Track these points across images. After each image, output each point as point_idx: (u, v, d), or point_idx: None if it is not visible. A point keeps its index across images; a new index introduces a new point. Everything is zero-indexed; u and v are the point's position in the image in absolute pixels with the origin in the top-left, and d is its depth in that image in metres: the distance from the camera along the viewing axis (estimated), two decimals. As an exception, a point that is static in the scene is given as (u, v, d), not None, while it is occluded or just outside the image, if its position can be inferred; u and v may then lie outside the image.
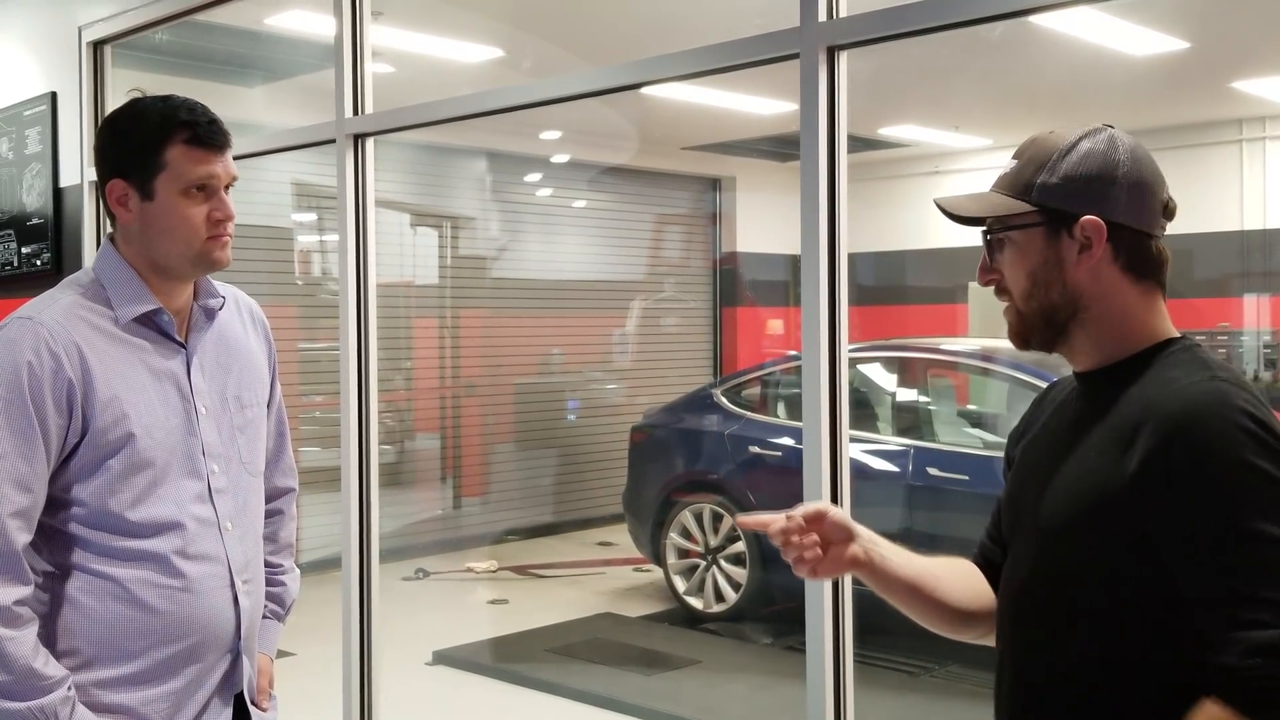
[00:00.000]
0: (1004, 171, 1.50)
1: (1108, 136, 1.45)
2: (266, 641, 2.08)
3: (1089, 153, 1.43)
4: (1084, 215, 1.41)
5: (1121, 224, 1.42)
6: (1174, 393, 1.34)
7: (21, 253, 4.67)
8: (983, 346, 6.73)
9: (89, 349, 1.79)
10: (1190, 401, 1.32)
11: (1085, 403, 1.47)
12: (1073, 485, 1.40)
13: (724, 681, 5.52)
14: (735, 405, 6.62)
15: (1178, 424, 1.30)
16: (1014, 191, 1.46)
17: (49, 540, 1.81)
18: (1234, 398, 1.30)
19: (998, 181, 1.50)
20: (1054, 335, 1.47)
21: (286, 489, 2.20)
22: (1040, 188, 1.44)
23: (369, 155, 3.47)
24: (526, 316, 9.16)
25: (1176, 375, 1.37)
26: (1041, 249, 1.44)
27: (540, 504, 9.06)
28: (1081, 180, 1.42)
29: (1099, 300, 1.43)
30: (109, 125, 1.92)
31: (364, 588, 3.44)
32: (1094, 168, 1.42)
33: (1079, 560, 1.38)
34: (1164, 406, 1.33)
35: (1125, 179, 1.42)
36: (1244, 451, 1.27)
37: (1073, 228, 1.42)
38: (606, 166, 9.48)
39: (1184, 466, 1.28)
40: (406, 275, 8.60)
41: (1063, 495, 1.41)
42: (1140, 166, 1.43)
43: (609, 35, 6.01)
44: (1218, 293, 8.47)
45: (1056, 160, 1.44)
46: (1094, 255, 1.42)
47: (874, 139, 9.22)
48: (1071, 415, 1.48)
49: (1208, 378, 1.34)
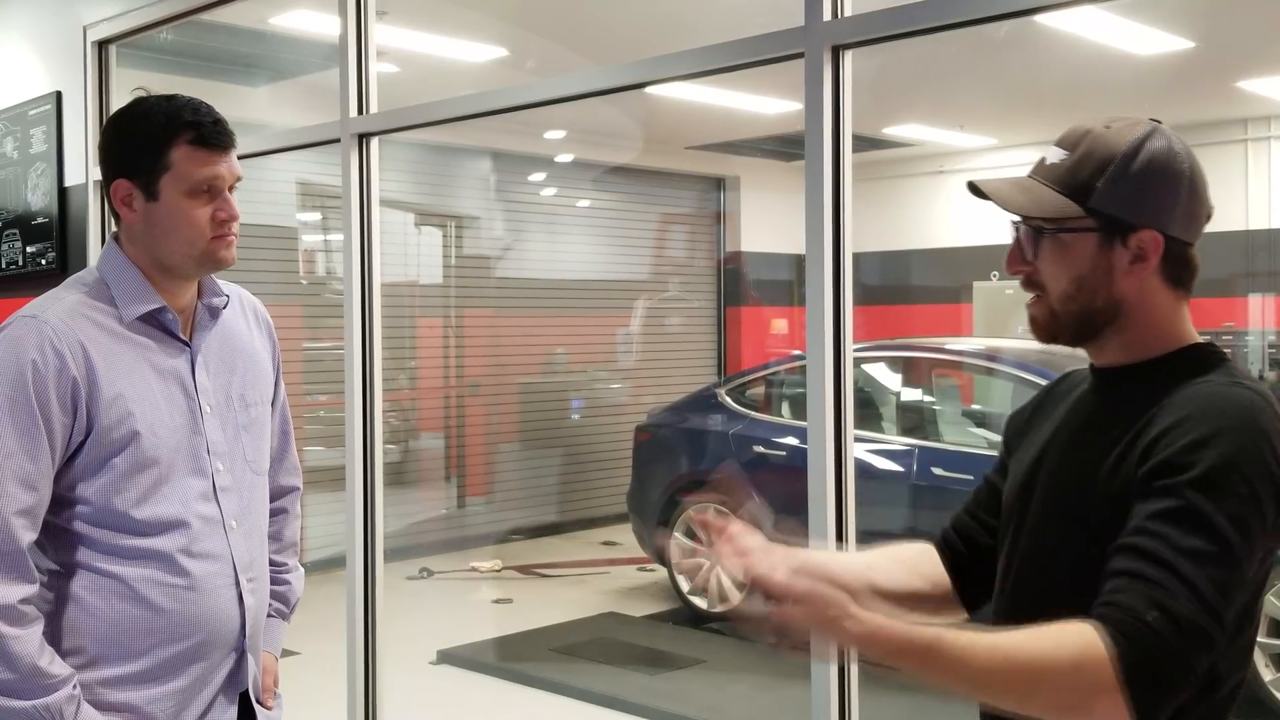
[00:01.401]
0: (1053, 162, 1.43)
1: (1168, 143, 1.40)
2: (271, 640, 2.08)
3: (1152, 161, 1.38)
4: (1143, 228, 1.38)
5: (1174, 236, 1.39)
6: (1194, 389, 1.33)
7: (26, 252, 4.68)
8: (987, 346, 6.73)
9: (93, 347, 1.79)
10: (1209, 396, 1.31)
11: (1101, 397, 1.46)
12: (1085, 477, 1.39)
13: (728, 681, 5.51)
14: (739, 405, 6.61)
15: (1191, 410, 1.30)
16: (1069, 191, 1.40)
17: (54, 539, 1.81)
18: (1257, 410, 1.30)
19: (1046, 171, 1.43)
20: (1086, 337, 1.45)
21: (291, 488, 2.20)
22: (1101, 194, 1.38)
23: (374, 155, 3.47)
24: (530, 316, 9.16)
25: (1197, 375, 1.36)
26: (1092, 255, 1.40)
27: (544, 503, 9.06)
28: (1145, 192, 1.38)
29: (1137, 307, 1.41)
30: (114, 125, 1.92)
31: (368, 587, 3.45)
32: (1157, 179, 1.38)
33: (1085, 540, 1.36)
34: (1181, 396, 1.32)
35: (1186, 193, 1.39)
36: (1251, 456, 1.26)
37: (1128, 238, 1.39)
38: (611, 166, 9.48)
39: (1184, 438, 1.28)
40: (411, 275, 8.61)
41: (1073, 486, 1.40)
42: (1196, 177, 1.40)
43: (613, 34, 6.01)
44: (1223, 293, 8.45)
45: (1120, 166, 1.38)
46: (1146, 268, 1.39)
47: (879, 138, 9.21)
48: (1088, 409, 1.47)
49: (1229, 383, 1.34)
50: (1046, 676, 1.22)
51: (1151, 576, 1.22)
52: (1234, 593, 1.24)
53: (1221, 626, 1.22)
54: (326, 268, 8.11)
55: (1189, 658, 1.21)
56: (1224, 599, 1.23)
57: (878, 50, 2.45)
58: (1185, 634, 1.20)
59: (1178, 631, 1.20)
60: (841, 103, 2.44)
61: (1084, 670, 1.20)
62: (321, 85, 4.33)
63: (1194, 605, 1.21)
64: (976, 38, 5.11)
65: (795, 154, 7.58)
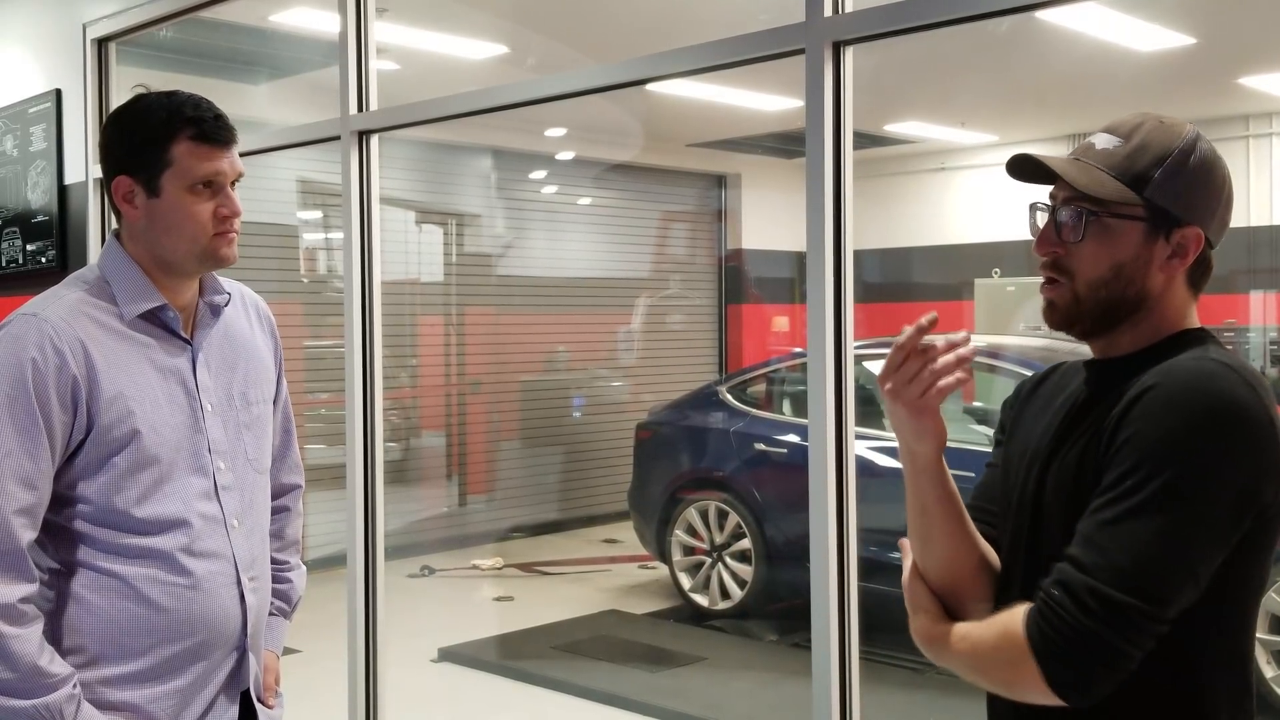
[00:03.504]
0: (1106, 148, 1.42)
1: (1211, 147, 1.42)
2: (273, 638, 2.08)
3: (1204, 162, 1.40)
4: (1187, 224, 1.39)
5: (1209, 239, 1.42)
6: (1160, 367, 1.34)
7: (26, 250, 4.67)
8: (988, 343, 6.72)
9: (94, 345, 1.79)
10: (1172, 368, 1.33)
11: (1094, 389, 1.46)
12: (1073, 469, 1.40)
13: (729, 679, 5.52)
14: (741, 402, 6.61)
15: (1154, 384, 1.31)
16: (1126, 178, 1.40)
17: (55, 537, 1.80)
18: (1219, 377, 1.30)
19: (1100, 156, 1.42)
20: (1104, 328, 1.43)
21: (293, 486, 2.20)
22: (1156, 185, 1.38)
23: (374, 152, 3.46)
24: (531, 314, 9.16)
25: (1175, 355, 1.37)
26: (1136, 245, 1.40)
27: (545, 501, 9.06)
28: (1195, 191, 1.40)
29: (1158, 302, 1.42)
30: (114, 122, 1.92)
31: (369, 585, 3.44)
32: (1205, 180, 1.40)
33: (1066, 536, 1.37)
34: (1148, 375, 1.34)
35: (1225, 198, 1.42)
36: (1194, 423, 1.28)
37: (1172, 233, 1.40)
38: (611, 163, 9.48)
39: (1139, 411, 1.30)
40: (412, 273, 8.60)
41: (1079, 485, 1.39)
42: (1231, 185, 1.43)
43: (613, 31, 6.01)
44: (1224, 289, 8.44)
45: (1178, 161, 1.39)
46: (1183, 264, 1.40)
47: (880, 135, 9.20)
48: (1083, 401, 1.46)
49: (1199, 355, 1.35)
50: (980, 651, 1.38)
51: (1079, 559, 1.29)
52: (1176, 576, 1.27)
53: (1155, 606, 1.25)
54: (327, 266, 8.10)
55: (1105, 636, 1.25)
56: (1161, 580, 1.26)
57: (879, 47, 2.45)
58: (1098, 611, 1.25)
59: (1088, 608, 1.26)
60: (842, 99, 2.43)
61: (1002, 647, 1.33)
62: (321, 82, 4.33)
63: (1116, 584, 1.25)
64: (978, 34, 5.10)
65: (796, 151, 7.57)
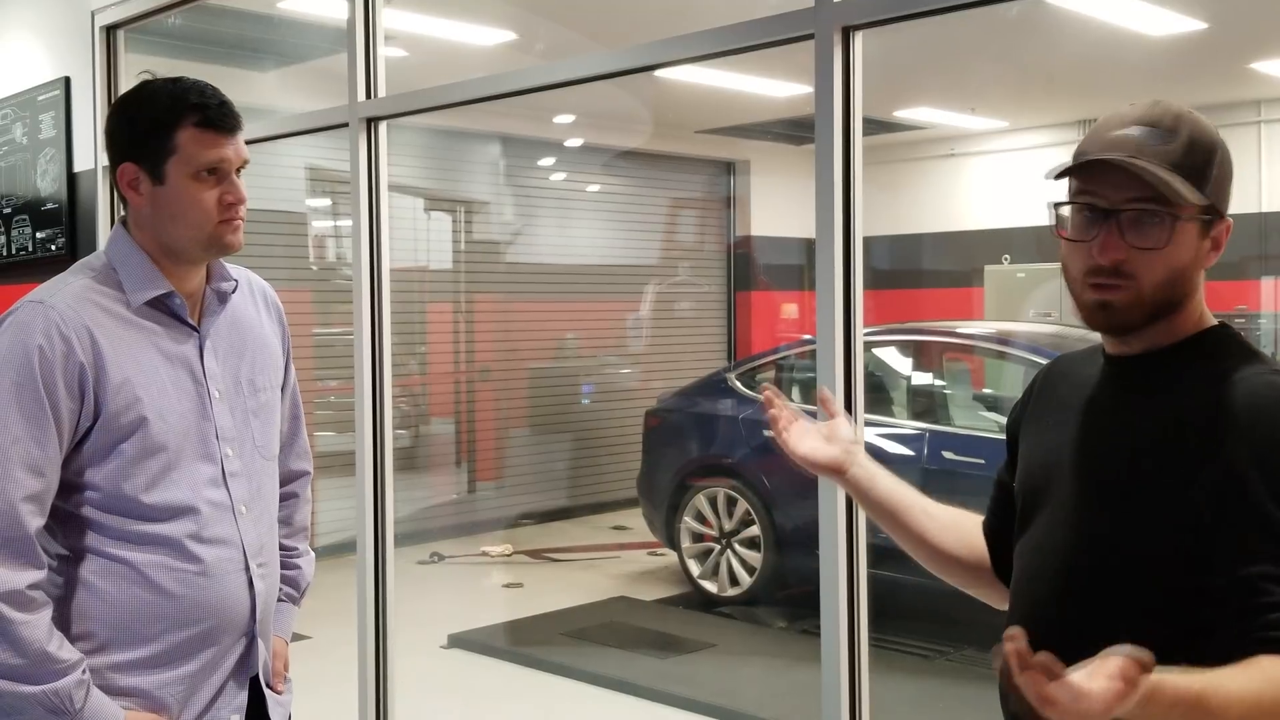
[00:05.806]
0: (1157, 146, 1.34)
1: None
2: (281, 625, 2.08)
3: (1227, 152, 1.38)
4: (1222, 218, 1.37)
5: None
6: (1235, 386, 1.31)
7: (36, 238, 4.68)
8: (998, 330, 6.72)
9: (100, 332, 1.79)
10: (1254, 395, 1.30)
11: (1123, 384, 1.43)
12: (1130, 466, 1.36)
13: (739, 665, 5.52)
14: (750, 389, 6.60)
15: (1247, 420, 1.28)
16: (1191, 178, 1.34)
17: (63, 524, 1.81)
18: None
19: (1158, 155, 1.34)
20: (1149, 324, 1.38)
21: (301, 472, 2.20)
22: (1213, 182, 1.35)
23: (382, 139, 3.46)
24: (540, 301, 9.16)
25: (1229, 366, 1.34)
26: (1193, 244, 1.36)
27: (555, 488, 9.07)
28: (1228, 182, 1.38)
29: (1189, 295, 1.39)
30: (119, 109, 1.92)
31: (379, 571, 3.45)
32: (1230, 170, 1.38)
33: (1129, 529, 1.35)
34: (1230, 401, 1.30)
35: (1231, 185, 1.40)
36: None
37: (1211, 227, 1.37)
38: (620, 150, 9.46)
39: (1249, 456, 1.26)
40: (420, 260, 8.61)
41: (1116, 476, 1.38)
42: None
43: (622, 17, 5.99)
44: (1236, 275, 8.40)
45: (1222, 155, 1.37)
46: (1215, 257, 1.38)
47: (889, 121, 9.17)
48: (1112, 397, 1.44)
49: (1268, 371, 1.33)
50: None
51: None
52: None
53: None
54: (336, 253, 8.11)
55: None
56: None
57: (888, 31, 2.43)
58: None
59: None
60: (851, 85, 2.42)
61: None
62: (329, 70, 4.32)
63: None
64: (988, 19, 5.08)
65: (805, 137, 7.55)
